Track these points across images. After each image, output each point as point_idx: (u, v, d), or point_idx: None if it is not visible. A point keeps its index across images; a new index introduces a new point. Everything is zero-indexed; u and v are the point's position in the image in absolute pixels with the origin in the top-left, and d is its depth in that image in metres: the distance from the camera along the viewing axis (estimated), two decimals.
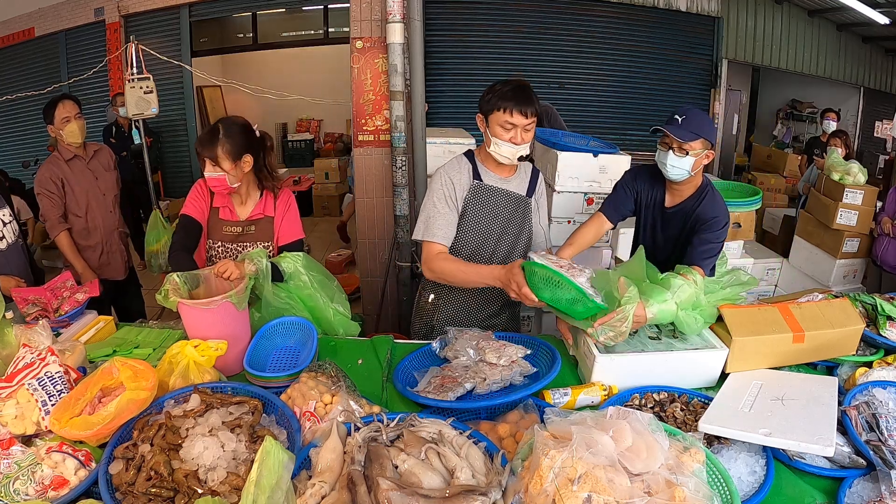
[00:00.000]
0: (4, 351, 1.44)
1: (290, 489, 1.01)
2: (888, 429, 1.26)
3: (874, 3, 5.77)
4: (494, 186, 1.84)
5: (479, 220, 1.84)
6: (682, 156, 1.69)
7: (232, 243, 1.95)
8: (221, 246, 1.95)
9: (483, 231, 1.85)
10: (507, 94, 1.67)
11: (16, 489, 1.06)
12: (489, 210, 1.84)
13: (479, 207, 1.83)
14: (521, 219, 1.88)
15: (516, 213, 1.87)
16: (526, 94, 1.67)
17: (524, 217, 1.89)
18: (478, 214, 1.84)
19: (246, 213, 1.95)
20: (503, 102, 1.67)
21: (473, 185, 1.82)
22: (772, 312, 1.57)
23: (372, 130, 3.31)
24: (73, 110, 2.60)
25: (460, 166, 1.84)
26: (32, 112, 7.02)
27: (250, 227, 1.95)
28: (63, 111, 2.57)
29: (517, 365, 1.50)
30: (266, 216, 1.96)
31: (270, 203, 1.97)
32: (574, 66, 6.44)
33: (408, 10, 2.93)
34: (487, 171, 1.84)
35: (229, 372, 1.58)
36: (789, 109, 9.08)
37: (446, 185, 1.80)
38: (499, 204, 1.84)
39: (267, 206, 1.96)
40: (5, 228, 2.25)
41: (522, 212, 1.88)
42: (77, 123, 2.61)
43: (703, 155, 1.71)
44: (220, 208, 1.94)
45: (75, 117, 2.60)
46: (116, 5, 6.45)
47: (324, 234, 6.62)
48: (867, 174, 3.65)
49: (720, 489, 1.04)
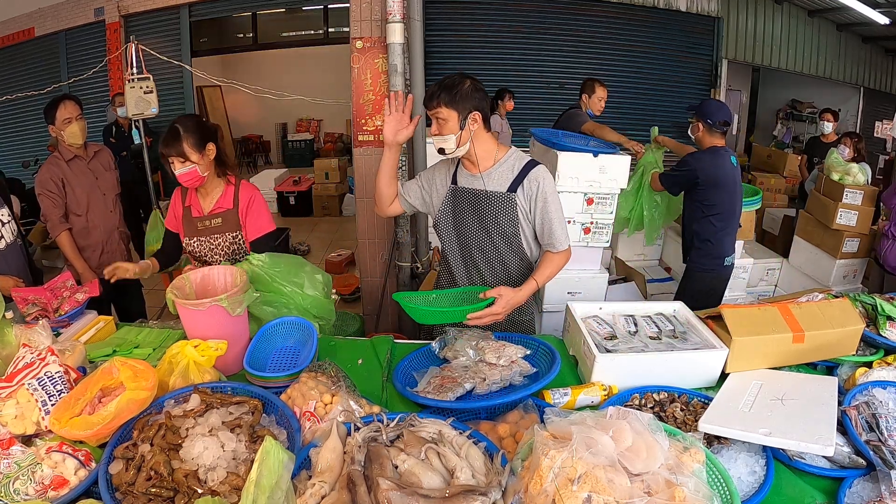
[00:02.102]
0: (4, 351, 1.44)
1: (290, 489, 1.01)
2: (888, 429, 1.26)
3: (874, 3, 5.77)
4: (467, 188, 1.82)
5: (458, 223, 1.85)
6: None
7: (202, 237, 2.05)
8: (196, 241, 2.06)
9: (465, 233, 1.85)
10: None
11: (16, 489, 1.07)
12: (462, 212, 1.83)
13: (452, 210, 1.85)
14: (504, 216, 1.78)
15: (499, 213, 1.78)
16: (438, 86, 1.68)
17: (507, 214, 1.78)
18: (457, 218, 1.85)
19: (209, 207, 2.06)
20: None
21: (449, 189, 1.85)
22: (772, 312, 1.57)
23: (372, 130, 3.30)
24: (74, 111, 2.60)
25: (447, 168, 1.88)
26: (32, 112, 7.02)
27: (216, 220, 2.05)
28: (65, 112, 2.57)
29: (517, 365, 1.50)
30: (227, 209, 2.06)
31: (231, 196, 2.07)
32: (574, 66, 6.44)
33: (408, 10, 2.93)
34: (462, 171, 1.84)
35: (229, 372, 1.58)
36: (789, 109, 9.07)
37: (429, 175, 1.92)
38: (472, 204, 1.81)
39: (227, 200, 2.07)
40: (4, 228, 2.25)
41: (503, 208, 1.78)
42: (78, 124, 2.61)
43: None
44: (190, 207, 2.06)
45: (77, 118, 2.60)
46: (116, 5, 6.45)
47: (324, 235, 6.62)
48: (868, 174, 3.65)
49: (720, 489, 1.04)
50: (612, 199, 2.95)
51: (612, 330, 1.68)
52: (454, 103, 1.67)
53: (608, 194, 2.92)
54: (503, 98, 5.17)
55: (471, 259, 1.88)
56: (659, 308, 1.83)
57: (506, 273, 1.86)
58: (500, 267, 1.86)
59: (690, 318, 1.73)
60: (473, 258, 1.87)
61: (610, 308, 1.81)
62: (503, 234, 1.80)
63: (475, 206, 1.81)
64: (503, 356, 1.52)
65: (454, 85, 1.67)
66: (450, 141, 1.69)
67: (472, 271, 1.89)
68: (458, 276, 1.92)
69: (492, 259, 1.85)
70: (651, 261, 3.72)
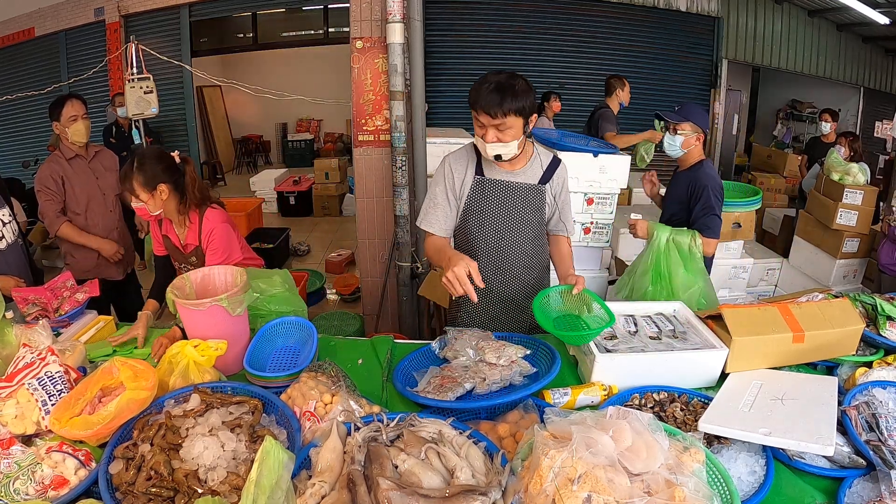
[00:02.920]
0: (4, 351, 1.44)
1: (290, 489, 1.01)
2: (888, 429, 1.26)
3: (874, 3, 5.77)
4: (497, 179, 1.79)
5: (486, 214, 1.81)
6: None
7: (189, 268, 2.02)
8: (185, 268, 2.04)
9: (494, 225, 1.82)
10: (479, 91, 1.59)
11: (16, 489, 1.07)
12: (495, 203, 1.80)
13: (483, 202, 1.80)
14: (535, 208, 1.82)
15: (527, 203, 1.81)
16: (498, 92, 1.56)
17: (538, 206, 1.83)
18: (484, 209, 1.80)
19: (183, 240, 2.03)
20: (473, 100, 1.61)
21: (476, 180, 1.79)
22: (772, 312, 1.57)
23: (372, 130, 3.31)
24: (80, 110, 2.63)
25: (465, 159, 1.81)
26: (32, 112, 7.03)
27: (191, 257, 2.03)
28: (71, 110, 2.60)
29: (517, 365, 1.50)
30: (195, 246, 2.01)
31: (196, 232, 1.99)
32: (574, 66, 6.45)
33: (408, 10, 2.93)
34: (491, 164, 1.78)
35: (229, 372, 1.58)
36: (789, 109, 9.08)
37: (447, 176, 1.80)
38: (504, 196, 1.80)
39: (193, 236, 2.00)
40: (5, 228, 2.25)
41: (535, 201, 1.82)
42: (83, 123, 2.64)
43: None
44: (168, 236, 2.03)
45: (82, 117, 2.64)
46: (116, 5, 6.45)
47: (324, 235, 6.63)
48: (868, 174, 3.65)
49: (720, 489, 1.04)
50: (613, 199, 2.95)
51: (612, 330, 1.68)
52: (522, 111, 1.59)
53: (608, 194, 2.93)
54: (549, 100, 5.08)
55: (497, 245, 1.85)
56: (659, 308, 1.82)
57: (525, 257, 1.88)
58: (522, 252, 1.86)
59: (690, 318, 1.73)
60: (500, 244, 1.84)
61: (610, 308, 1.81)
62: (530, 222, 1.84)
63: (506, 196, 1.79)
64: (503, 356, 1.52)
65: (516, 90, 1.57)
66: (512, 147, 1.64)
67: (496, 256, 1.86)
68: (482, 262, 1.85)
69: (517, 245, 1.85)
70: None
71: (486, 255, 1.86)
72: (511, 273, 1.88)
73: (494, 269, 1.87)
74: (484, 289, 1.66)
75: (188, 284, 1.67)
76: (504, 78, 1.60)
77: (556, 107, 5.14)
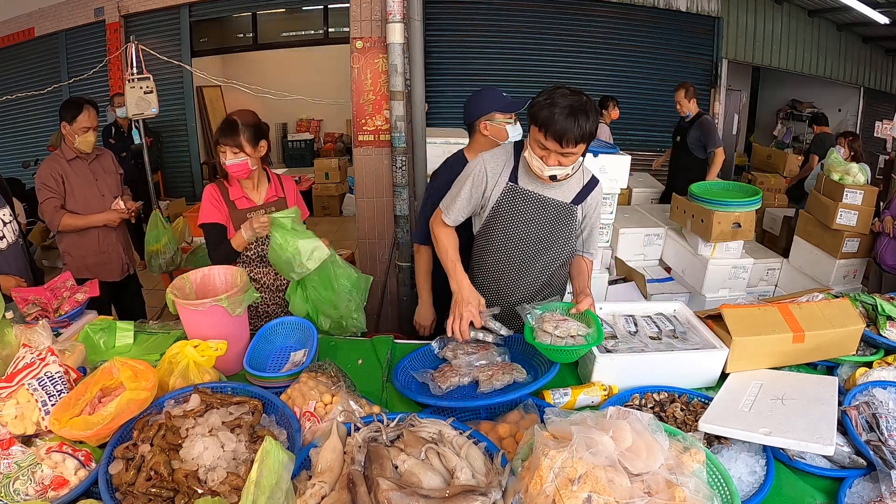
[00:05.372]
0: (4, 351, 1.44)
1: (290, 489, 1.01)
2: (888, 429, 1.26)
3: (874, 3, 5.76)
4: (531, 191, 1.69)
5: (510, 224, 1.73)
6: None
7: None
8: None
9: (516, 237, 1.74)
10: (552, 115, 1.46)
11: (16, 489, 1.06)
12: (523, 216, 1.72)
13: (510, 212, 1.71)
14: (564, 229, 1.74)
15: (557, 222, 1.73)
16: (573, 119, 1.44)
17: (568, 227, 1.74)
18: (509, 219, 1.72)
19: (261, 198, 2.13)
20: (542, 120, 1.48)
21: (508, 186, 1.70)
22: (772, 312, 1.57)
23: (372, 130, 3.30)
24: (94, 122, 2.65)
25: (502, 161, 1.72)
26: (32, 112, 7.03)
27: (270, 209, 2.09)
28: (86, 119, 2.61)
29: (515, 370, 1.50)
30: (279, 197, 2.16)
31: (278, 187, 2.19)
32: (574, 66, 6.44)
33: (408, 10, 2.93)
34: (528, 174, 1.66)
35: (229, 372, 1.58)
36: (789, 109, 9.07)
37: (479, 176, 1.71)
38: (534, 211, 1.71)
39: (278, 190, 2.18)
40: (5, 228, 2.25)
41: (565, 220, 1.73)
42: (94, 135, 2.67)
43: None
44: (235, 201, 2.07)
45: (94, 129, 2.65)
46: (116, 5, 6.45)
47: (324, 235, 6.58)
48: (868, 174, 3.65)
49: (720, 489, 1.04)
50: (613, 199, 2.95)
51: (613, 330, 1.68)
52: (591, 137, 1.51)
53: (608, 194, 2.93)
54: (607, 106, 4.87)
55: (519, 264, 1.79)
56: (659, 308, 1.83)
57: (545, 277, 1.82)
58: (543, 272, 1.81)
59: (690, 318, 1.73)
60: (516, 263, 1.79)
61: (610, 308, 1.81)
62: (557, 240, 1.76)
63: (536, 211, 1.71)
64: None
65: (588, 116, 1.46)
66: (569, 169, 1.57)
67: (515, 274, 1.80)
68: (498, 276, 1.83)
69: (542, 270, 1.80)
70: (651, 261, 3.72)
71: (507, 271, 1.80)
72: (527, 293, 1.83)
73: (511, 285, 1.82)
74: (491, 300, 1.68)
75: (188, 284, 1.67)
76: (576, 101, 1.47)
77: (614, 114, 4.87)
